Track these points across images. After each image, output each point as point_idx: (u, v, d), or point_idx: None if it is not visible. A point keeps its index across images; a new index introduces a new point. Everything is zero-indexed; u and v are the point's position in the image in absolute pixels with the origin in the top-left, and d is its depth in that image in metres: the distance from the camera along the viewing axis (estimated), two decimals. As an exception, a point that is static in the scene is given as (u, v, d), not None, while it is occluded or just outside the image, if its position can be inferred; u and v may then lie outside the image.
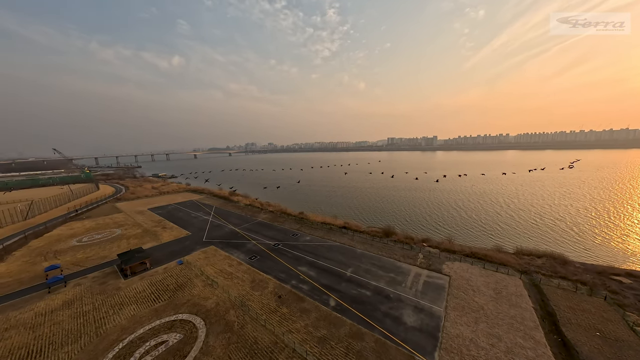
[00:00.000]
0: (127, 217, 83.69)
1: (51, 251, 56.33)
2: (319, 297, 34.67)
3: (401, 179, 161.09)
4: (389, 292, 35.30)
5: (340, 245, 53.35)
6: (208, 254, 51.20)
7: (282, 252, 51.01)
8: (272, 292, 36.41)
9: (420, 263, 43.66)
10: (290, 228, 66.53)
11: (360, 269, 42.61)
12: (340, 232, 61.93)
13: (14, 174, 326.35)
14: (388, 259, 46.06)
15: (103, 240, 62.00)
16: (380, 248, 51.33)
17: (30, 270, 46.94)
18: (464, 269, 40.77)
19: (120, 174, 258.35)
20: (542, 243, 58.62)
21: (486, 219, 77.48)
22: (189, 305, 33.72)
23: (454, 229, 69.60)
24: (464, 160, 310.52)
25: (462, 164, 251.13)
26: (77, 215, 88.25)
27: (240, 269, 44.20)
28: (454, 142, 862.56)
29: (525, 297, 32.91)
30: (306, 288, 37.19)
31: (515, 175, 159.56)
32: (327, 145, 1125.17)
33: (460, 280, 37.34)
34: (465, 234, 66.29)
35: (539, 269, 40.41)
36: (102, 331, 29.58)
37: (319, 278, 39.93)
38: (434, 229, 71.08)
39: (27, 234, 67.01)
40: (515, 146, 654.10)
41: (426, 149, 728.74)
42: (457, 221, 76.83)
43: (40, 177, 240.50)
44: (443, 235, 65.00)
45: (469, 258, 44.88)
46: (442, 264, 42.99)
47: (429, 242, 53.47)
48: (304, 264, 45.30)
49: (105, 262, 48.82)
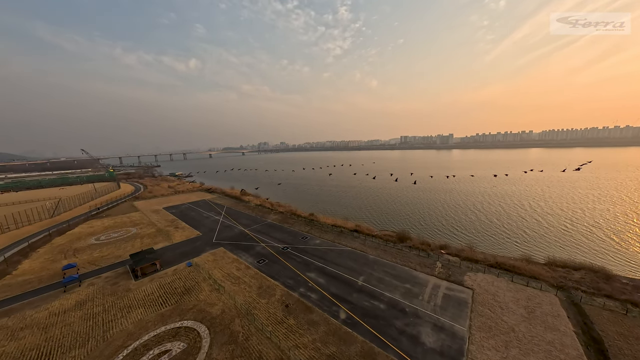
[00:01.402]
0: (143, 216, 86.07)
1: (71, 249, 58.51)
2: (328, 309, 32.58)
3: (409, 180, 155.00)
4: (404, 306, 32.51)
5: (352, 251, 50.90)
6: (217, 256, 50.71)
7: (290, 256, 49.44)
8: (279, 300, 34.81)
9: (438, 273, 40.27)
10: (299, 230, 64.93)
11: (373, 277, 39.99)
12: (352, 236, 59.41)
13: (47, 172, 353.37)
14: (403, 267, 43.03)
15: (119, 239, 63.68)
16: (394, 254, 48.31)
17: (50, 268, 48.70)
18: (488, 282, 36.96)
19: (140, 173, 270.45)
20: (577, 253, 52.77)
21: (510, 224, 71.64)
22: (195, 312, 32.90)
23: (474, 235, 64.80)
24: (481, 159, 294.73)
25: (479, 163, 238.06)
26: (97, 214, 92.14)
27: (248, 273, 43.09)
28: (471, 140, 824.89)
29: (563, 319, 28.88)
30: (315, 297, 35.23)
31: (540, 175, 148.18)
32: (338, 144, 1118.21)
33: (485, 295, 33.72)
34: (487, 240, 61.39)
35: (578, 284, 35.75)
36: (109, 335, 29.35)
37: (328, 286, 37.83)
38: (452, 234, 66.59)
39: (52, 232, 70.44)
40: (540, 144, 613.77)
41: (441, 148, 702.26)
42: (476, 226, 71.65)
43: (69, 176, 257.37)
44: (462, 241, 60.61)
45: (494, 269, 40.83)
46: (464, 274, 39.35)
47: (447, 249, 49.67)
48: (313, 269, 43.38)
49: (118, 262, 49.68)
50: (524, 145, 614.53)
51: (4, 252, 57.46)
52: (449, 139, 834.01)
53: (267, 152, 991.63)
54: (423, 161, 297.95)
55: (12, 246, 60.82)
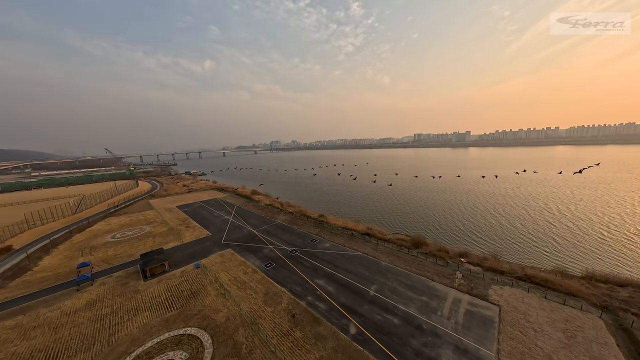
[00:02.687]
0: (157, 214, 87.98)
1: (88, 246, 60.34)
2: (337, 321, 30.39)
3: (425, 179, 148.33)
4: (421, 322, 29.63)
5: (363, 256, 48.29)
6: (224, 258, 49.99)
7: (299, 260, 47.68)
8: (286, 309, 33.07)
9: (459, 285, 36.80)
10: (309, 232, 63.08)
11: (386, 287, 37.27)
12: (363, 240, 56.71)
13: (75, 170, 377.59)
14: (419, 276, 39.88)
15: (133, 237, 65.00)
16: (408, 262, 45.16)
17: (67, 265, 50.19)
18: (517, 298, 33.10)
19: (158, 171, 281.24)
20: (620, 266, 46.83)
21: (536, 230, 65.67)
22: (200, 318, 31.92)
23: (496, 241, 59.87)
24: (500, 157, 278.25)
25: (497, 162, 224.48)
26: (116, 211, 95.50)
27: (255, 277, 41.80)
28: (490, 137, 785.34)
29: (612, 347, 24.85)
30: (323, 307, 33.16)
31: (568, 176, 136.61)
32: (349, 143, 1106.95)
33: (515, 314, 30.04)
34: (511, 248, 56.36)
35: (626, 304, 31.06)
36: (114, 340, 28.96)
37: (338, 295, 35.61)
38: (470, 239, 61.95)
39: (72, 229, 73.45)
40: (567, 141, 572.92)
41: (457, 146, 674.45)
42: (497, 231, 66.35)
43: (94, 174, 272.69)
44: (483, 248, 56.10)
45: (522, 282, 36.74)
46: (488, 288, 35.63)
47: (468, 257, 45.76)
48: (322, 276, 41.32)
49: (130, 261, 50.27)
50: (549, 142, 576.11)
51: (28, 247, 60.32)
52: (466, 137, 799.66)
53: (279, 150, 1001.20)
54: (437, 160, 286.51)
55: (36, 242, 63.82)
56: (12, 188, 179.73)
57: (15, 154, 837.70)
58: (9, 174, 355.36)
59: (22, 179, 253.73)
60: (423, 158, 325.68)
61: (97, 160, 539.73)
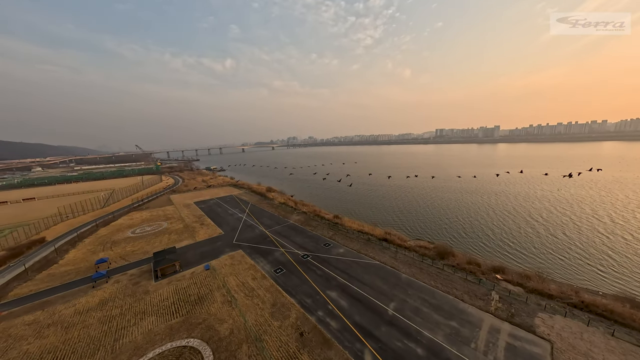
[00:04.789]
0: (175, 210, 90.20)
1: (110, 241, 62.62)
2: (350, 345, 26.84)
3: (444, 178, 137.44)
4: (451, 355, 25.07)
5: (380, 266, 43.99)
6: (235, 260, 48.53)
7: (310, 266, 44.66)
8: (294, 324, 30.19)
9: (496, 309, 31.29)
10: (322, 235, 59.85)
11: (407, 305, 32.88)
12: (380, 246, 52.26)
13: (110, 165, 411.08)
14: (445, 294, 34.85)
15: (150, 233, 66.49)
16: (433, 275, 40.08)
17: (89, 260, 51.99)
18: (574, 332, 27.03)
19: (181, 167, 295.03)
20: None
21: (584, 242, 56.30)
22: (203, 328, 30.18)
23: (535, 254, 52.04)
24: (534, 154, 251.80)
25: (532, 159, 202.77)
26: (139, 206, 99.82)
27: (263, 284, 39.53)
28: (522, 132, 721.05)
29: None
30: (335, 326, 29.77)
31: (620, 176, 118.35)
32: (367, 139, 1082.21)
33: (572, 355, 24.24)
34: (555, 263, 48.42)
35: None
36: (118, 346, 28.13)
37: (351, 312, 31.99)
38: (503, 250, 54.59)
39: (98, 223, 77.36)
40: (617, 136, 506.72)
41: (484, 142, 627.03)
42: (535, 241, 58.00)
43: (125, 169, 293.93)
44: (519, 262, 48.99)
45: (578, 311, 30.27)
46: (534, 315, 29.75)
47: (504, 274, 39.51)
48: (335, 287, 37.88)
49: (144, 259, 50.76)
50: (594, 138, 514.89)
51: (58, 240, 64.13)
52: (495, 132, 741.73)
53: (296, 146, 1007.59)
54: (459, 157, 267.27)
55: (65, 235, 67.77)
56: (56, 181, 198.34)
57: (63, 149, 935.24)
58: (57, 167, 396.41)
59: (66, 173, 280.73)
60: (444, 155, 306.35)
61: (130, 156, 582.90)
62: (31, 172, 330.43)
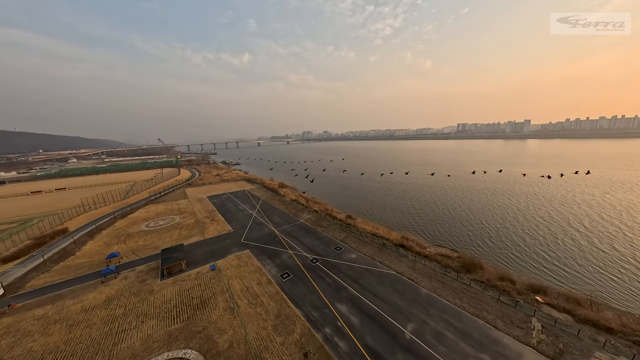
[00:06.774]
0: (189, 204, 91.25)
1: (125, 234, 63.94)
2: (359, 374, 23.52)
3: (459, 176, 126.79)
4: (481, 400, 20.85)
5: (397, 276, 39.82)
6: (241, 261, 46.76)
7: (319, 273, 41.60)
8: (298, 342, 27.36)
9: (538, 342, 26.13)
10: (333, 237, 56.47)
11: (428, 328, 28.70)
12: (397, 253, 47.89)
13: (136, 157, 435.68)
14: (474, 318, 30.10)
15: (163, 227, 67.11)
16: (458, 292, 35.25)
17: (103, 253, 53.01)
18: (644, 383, 21.51)
19: (199, 160, 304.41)
20: None
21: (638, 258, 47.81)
22: (202, 338, 28.33)
23: (579, 271, 44.85)
24: (571, 152, 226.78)
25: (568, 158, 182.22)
26: (156, 199, 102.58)
27: (269, 290, 37.15)
28: (557, 127, 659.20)
29: None
30: (343, 348, 26.51)
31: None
32: (383, 133, 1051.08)
33: (646, 417, 19.03)
34: (604, 283, 41.12)
35: None
36: (116, 351, 27.07)
37: (363, 332, 28.49)
38: (539, 264, 47.73)
39: (116, 215, 79.95)
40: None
41: (512, 137, 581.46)
42: (577, 255, 50.42)
43: (149, 161, 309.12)
44: (560, 279, 42.44)
45: (647, 353, 24.37)
46: (590, 355, 24.27)
47: (545, 295, 33.67)
48: (345, 299, 34.51)
49: (153, 255, 50.63)
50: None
51: (78, 231, 66.74)
52: (524, 127, 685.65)
53: (311, 140, 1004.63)
54: (481, 153, 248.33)
55: (85, 226, 70.46)
56: (87, 172, 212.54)
57: (97, 142, 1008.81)
58: (90, 159, 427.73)
59: (96, 164, 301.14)
60: (465, 151, 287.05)
61: (154, 149, 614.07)
62: (68, 162, 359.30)
